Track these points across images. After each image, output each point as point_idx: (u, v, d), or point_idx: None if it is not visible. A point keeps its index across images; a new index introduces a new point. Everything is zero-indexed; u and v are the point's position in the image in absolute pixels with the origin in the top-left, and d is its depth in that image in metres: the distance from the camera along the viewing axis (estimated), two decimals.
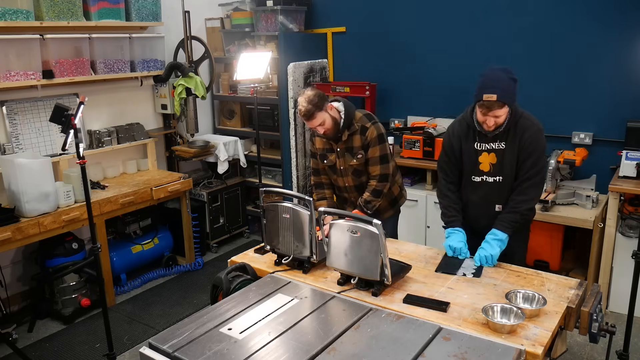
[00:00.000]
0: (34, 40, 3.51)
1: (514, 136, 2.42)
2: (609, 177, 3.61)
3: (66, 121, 2.58)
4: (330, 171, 2.95)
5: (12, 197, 3.37)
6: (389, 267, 2.02)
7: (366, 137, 2.79)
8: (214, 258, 4.75)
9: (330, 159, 2.90)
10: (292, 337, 1.79)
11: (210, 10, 5.15)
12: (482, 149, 2.51)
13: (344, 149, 2.84)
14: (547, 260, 3.67)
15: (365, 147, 2.80)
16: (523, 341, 1.77)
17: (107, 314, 2.84)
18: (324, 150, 2.92)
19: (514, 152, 2.43)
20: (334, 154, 2.88)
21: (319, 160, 2.96)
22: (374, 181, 2.84)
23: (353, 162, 2.84)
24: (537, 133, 2.42)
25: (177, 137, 4.74)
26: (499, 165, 2.48)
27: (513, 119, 2.41)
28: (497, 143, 2.47)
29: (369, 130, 2.79)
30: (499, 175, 2.50)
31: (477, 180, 2.56)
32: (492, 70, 2.36)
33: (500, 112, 2.34)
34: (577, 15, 3.81)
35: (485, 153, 2.50)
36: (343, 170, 2.89)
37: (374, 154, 2.81)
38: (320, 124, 2.71)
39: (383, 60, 4.79)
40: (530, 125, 2.42)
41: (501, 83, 2.31)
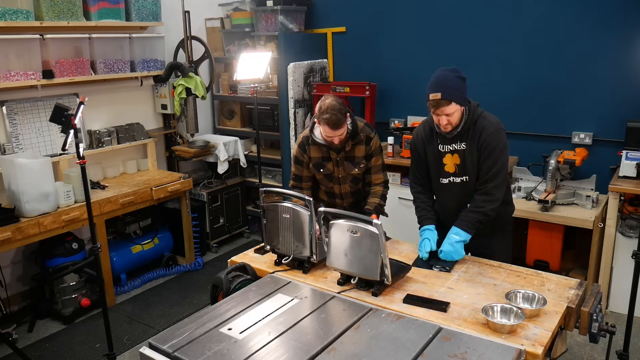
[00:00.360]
0: (34, 40, 3.51)
1: (472, 136, 2.44)
2: (609, 177, 3.61)
3: (66, 121, 2.58)
4: (326, 180, 2.88)
5: (12, 197, 3.37)
6: (389, 267, 2.02)
7: (370, 147, 2.79)
8: (214, 258, 4.75)
9: (328, 167, 2.82)
10: (292, 337, 1.79)
11: (210, 10, 5.15)
12: (445, 150, 2.52)
13: (344, 158, 2.78)
14: (547, 260, 3.67)
15: (368, 156, 2.80)
16: (523, 341, 1.77)
17: (107, 314, 2.84)
18: (320, 159, 2.82)
19: (474, 152, 2.45)
20: (331, 162, 2.80)
21: (314, 170, 2.86)
22: (379, 187, 2.86)
23: (355, 171, 2.80)
24: (494, 133, 2.41)
25: (177, 137, 4.74)
26: (462, 165, 2.50)
27: (471, 119, 2.42)
28: (458, 144, 2.48)
29: (373, 141, 2.79)
30: (464, 175, 2.52)
31: (445, 182, 2.58)
32: (439, 71, 2.39)
33: (449, 110, 2.34)
34: (577, 15, 3.81)
35: (449, 154, 2.52)
36: (341, 178, 2.85)
37: (377, 162, 2.84)
38: (340, 134, 2.63)
39: (383, 60, 4.79)
40: (487, 125, 2.42)
41: (445, 81, 2.34)
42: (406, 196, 4.19)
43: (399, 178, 4.38)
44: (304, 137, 2.84)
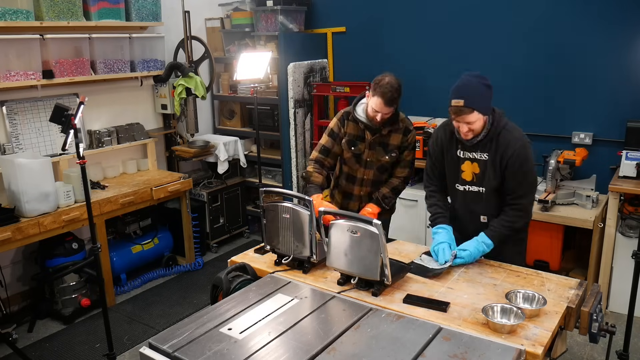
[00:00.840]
0: (34, 40, 3.51)
1: (496, 149, 2.35)
2: (609, 177, 3.61)
3: (66, 121, 2.58)
4: (353, 160, 2.85)
5: (12, 197, 3.37)
6: (389, 267, 2.02)
7: (407, 139, 2.80)
8: (214, 258, 4.75)
9: (359, 147, 2.80)
10: (292, 337, 1.79)
11: (210, 10, 5.15)
12: (465, 157, 2.44)
13: (377, 142, 2.78)
14: (547, 260, 3.67)
15: (402, 148, 2.81)
16: (523, 341, 1.76)
17: (107, 314, 2.84)
18: (355, 137, 2.81)
19: (496, 166, 2.36)
20: (364, 143, 2.79)
21: (345, 146, 2.83)
22: (397, 180, 2.85)
23: (385, 158, 2.80)
24: (521, 149, 2.33)
25: (177, 137, 4.74)
26: (481, 175, 2.42)
27: (495, 130, 2.34)
28: (479, 153, 2.39)
29: (411, 134, 2.81)
30: (481, 186, 2.44)
31: (460, 189, 2.51)
32: (465, 76, 2.31)
33: (470, 119, 2.26)
34: (577, 15, 3.81)
35: (468, 162, 2.44)
36: (369, 162, 2.83)
37: (409, 157, 2.84)
38: (387, 113, 2.66)
39: (383, 60, 4.78)
40: (513, 141, 2.33)
41: (470, 89, 2.26)
42: (407, 196, 4.20)
43: None
44: (345, 112, 2.86)
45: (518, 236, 2.55)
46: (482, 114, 2.28)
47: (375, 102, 2.63)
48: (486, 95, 2.29)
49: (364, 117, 2.75)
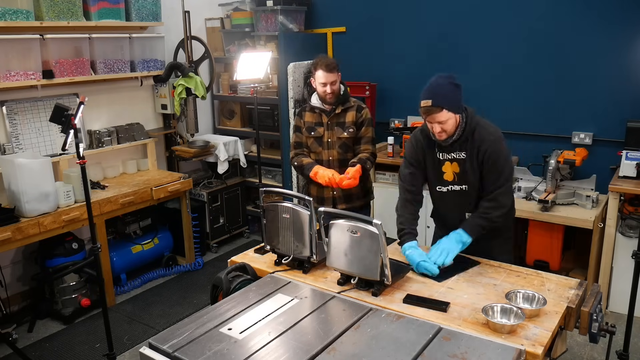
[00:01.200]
0: (34, 40, 3.51)
1: (472, 146, 2.39)
2: (609, 177, 3.62)
3: (66, 121, 2.58)
4: (316, 144, 3.11)
5: (12, 197, 3.37)
6: (389, 267, 2.02)
7: (361, 115, 3.07)
8: (214, 258, 4.75)
9: (318, 130, 3.10)
10: (292, 337, 1.79)
11: (210, 10, 5.15)
12: (444, 158, 2.47)
13: (334, 123, 3.07)
14: (547, 260, 3.67)
15: (358, 124, 3.07)
16: (523, 341, 1.76)
17: (107, 314, 2.84)
18: (313, 123, 3.12)
19: (474, 163, 2.40)
20: (323, 127, 3.09)
21: (306, 133, 3.13)
22: (365, 155, 3.04)
23: (343, 134, 3.06)
24: (494, 143, 2.36)
25: (177, 137, 4.74)
26: (462, 174, 2.44)
27: (469, 128, 2.37)
28: (458, 153, 2.43)
29: (364, 111, 3.10)
30: (464, 184, 2.46)
31: (443, 190, 2.52)
32: (433, 78, 2.35)
33: (440, 118, 2.29)
34: (577, 15, 3.81)
35: (448, 162, 2.47)
36: (330, 142, 3.07)
37: (367, 133, 3.09)
38: (332, 82, 2.97)
39: (383, 60, 4.79)
40: (487, 135, 2.37)
41: (438, 88, 2.30)
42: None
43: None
44: (301, 107, 3.24)
45: (502, 235, 2.57)
46: (452, 112, 2.31)
47: (319, 76, 2.97)
48: (454, 93, 2.33)
49: (318, 103, 3.09)
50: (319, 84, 3.00)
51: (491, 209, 2.41)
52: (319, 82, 3.00)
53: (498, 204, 2.41)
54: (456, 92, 2.34)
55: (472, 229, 2.39)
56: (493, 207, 2.41)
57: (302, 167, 3.10)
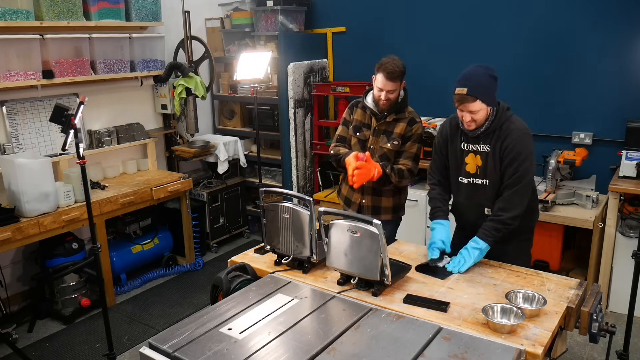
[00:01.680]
0: (34, 40, 3.51)
1: (497, 139, 2.35)
2: (609, 177, 3.62)
3: (66, 121, 2.58)
4: (358, 146, 2.89)
5: (12, 197, 3.37)
6: (389, 267, 2.02)
7: (412, 129, 2.81)
8: (214, 258, 4.75)
9: (364, 133, 2.87)
10: (292, 337, 1.79)
11: (210, 10, 5.15)
12: (469, 149, 2.44)
13: (382, 130, 2.83)
14: (547, 260, 3.68)
15: (405, 138, 2.81)
16: (523, 341, 1.77)
17: (107, 314, 2.84)
18: (361, 123, 2.89)
19: (496, 157, 2.36)
20: (370, 130, 2.86)
21: (352, 132, 2.91)
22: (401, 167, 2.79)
23: (387, 145, 2.81)
24: (520, 138, 2.33)
25: (177, 137, 4.74)
26: (484, 167, 2.41)
27: (498, 121, 2.35)
28: (482, 145, 2.39)
29: (416, 125, 2.83)
30: (484, 179, 2.43)
31: (464, 182, 2.50)
32: (471, 66, 2.32)
33: (473, 107, 2.26)
34: (577, 14, 3.81)
35: (472, 154, 2.43)
36: (372, 149, 2.84)
37: (412, 148, 2.82)
38: (390, 90, 2.72)
39: None
40: (514, 129, 2.34)
41: (475, 77, 2.27)
42: (407, 196, 4.19)
43: None
44: (355, 101, 2.97)
45: (521, 236, 2.53)
46: (485, 103, 2.28)
47: (378, 80, 2.72)
48: (490, 85, 2.30)
49: (371, 104, 2.83)
50: (376, 87, 2.75)
51: (503, 211, 2.35)
52: (377, 85, 2.74)
53: (511, 206, 2.35)
54: (492, 84, 2.31)
55: (486, 234, 2.34)
56: (505, 208, 2.35)
57: (339, 155, 2.84)
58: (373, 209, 2.91)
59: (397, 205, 2.97)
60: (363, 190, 2.91)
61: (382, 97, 2.74)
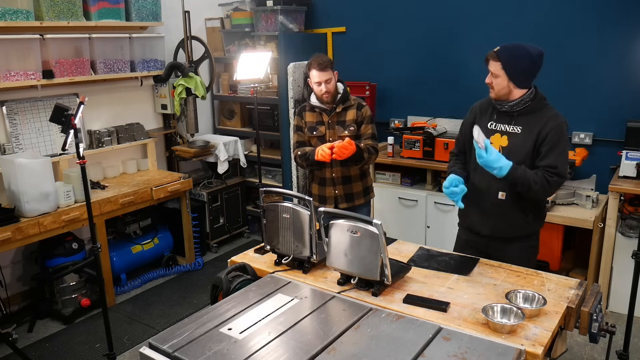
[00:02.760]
0: (34, 40, 3.51)
1: (534, 123, 2.31)
2: (609, 177, 3.62)
3: (66, 121, 2.58)
4: (319, 143, 3.06)
5: (12, 197, 3.37)
6: (389, 267, 2.02)
7: (362, 114, 3.09)
8: (214, 258, 4.75)
9: (320, 130, 3.10)
10: (292, 337, 1.79)
11: (210, 10, 5.15)
12: (496, 129, 2.40)
13: (335, 122, 3.08)
14: (547, 260, 3.67)
15: (359, 122, 3.09)
16: (523, 341, 1.76)
17: (107, 314, 2.84)
18: (314, 123, 3.13)
19: (530, 139, 2.31)
20: (324, 126, 3.10)
21: (308, 133, 3.13)
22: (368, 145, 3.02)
23: (344, 133, 3.05)
24: (561, 125, 2.30)
25: (177, 137, 4.74)
26: (508, 149, 2.36)
27: (535, 105, 2.33)
28: (513, 126, 2.36)
29: (365, 108, 3.11)
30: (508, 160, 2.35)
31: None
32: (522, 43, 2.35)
33: (493, 68, 2.31)
34: (577, 14, 3.81)
35: (498, 134, 2.39)
36: (332, 141, 3.01)
37: (367, 130, 3.10)
38: (327, 81, 2.98)
39: (383, 60, 4.79)
40: (554, 117, 2.31)
41: (513, 47, 2.32)
42: (406, 196, 4.20)
43: (399, 178, 4.38)
44: (300, 106, 3.25)
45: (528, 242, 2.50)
46: (507, 74, 2.30)
47: (313, 75, 2.98)
48: (523, 62, 2.30)
49: (317, 102, 3.10)
50: (315, 84, 3.02)
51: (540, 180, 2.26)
52: (314, 81, 3.01)
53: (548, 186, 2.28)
54: (525, 63, 2.30)
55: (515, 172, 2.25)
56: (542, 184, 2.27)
57: (306, 154, 3.05)
58: (347, 196, 3.15)
59: (366, 188, 3.22)
60: (334, 182, 3.13)
61: (322, 90, 2.99)
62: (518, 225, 2.46)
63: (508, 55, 2.30)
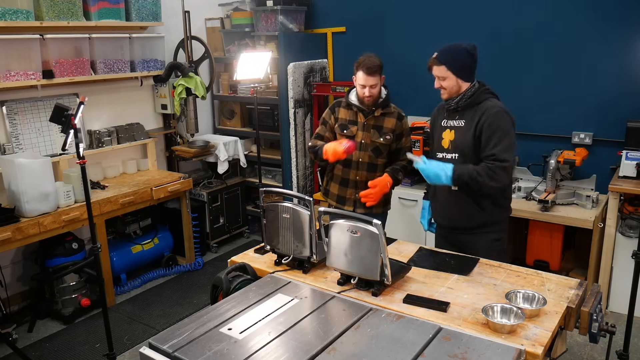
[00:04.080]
0: (34, 40, 3.51)
1: (473, 115, 2.46)
2: (609, 177, 3.62)
3: (66, 121, 2.58)
4: None
5: (12, 197, 3.37)
6: (389, 267, 2.02)
7: (402, 125, 2.96)
8: (214, 258, 4.75)
9: (352, 129, 2.94)
10: (292, 337, 1.79)
11: (210, 10, 5.15)
12: (446, 125, 2.58)
13: (371, 125, 2.92)
14: (547, 260, 3.68)
15: (397, 134, 2.94)
16: (523, 341, 1.76)
17: (107, 314, 2.84)
18: (346, 121, 2.97)
19: (470, 131, 2.46)
20: (356, 126, 2.94)
21: (338, 130, 2.98)
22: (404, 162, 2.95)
23: (380, 140, 2.91)
24: (496, 114, 2.42)
25: (177, 137, 4.74)
26: (454, 143, 2.52)
27: (476, 98, 2.46)
28: (458, 120, 2.52)
29: (405, 120, 2.99)
30: (454, 153, 2.53)
31: (439, 157, 2.60)
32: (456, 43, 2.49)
33: (439, 73, 2.46)
34: (577, 14, 3.81)
35: (448, 130, 2.56)
36: (364, 144, 2.93)
37: (407, 143, 3.00)
38: (372, 85, 2.82)
39: (383, 60, 4.76)
40: (490, 107, 2.44)
41: (449, 48, 2.48)
42: (406, 196, 4.20)
43: None
44: (336, 100, 3.07)
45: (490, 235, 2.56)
46: (452, 72, 2.45)
47: (359, 77, 2.84)
48: (462, 58, 2.46)
49: (356, 100, 2.94)
50: (359, 85, 2.86)
51: (483, 171, 2.39)
52: (358, 83, 2.86)
53: (491, 172, 2.38)
54: (465, 57, 2.46)
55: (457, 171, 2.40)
56: (486, 172, 2.39)
57: (316, 147, 2.93)
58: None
59: (386, 199, 3.06)
60: (357, 185, 2.99)
61: (365, 93, 2.84)
62: (471, 214, 2.55)
63: (449, 56, 2.47)
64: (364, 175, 2.96)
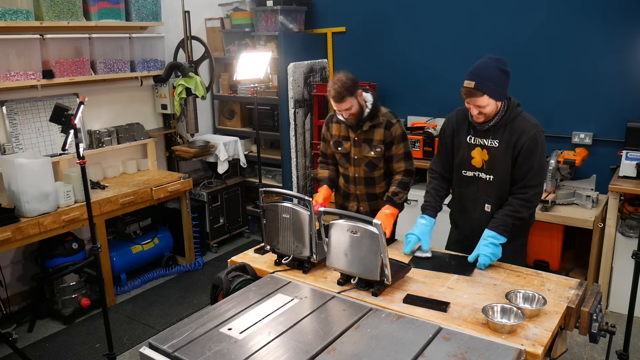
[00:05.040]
0: (34, 40, 3.51)
1: (509, 136, 2.32)
2: (609, 177, 3.62)
3: (66, 121, 2.58)
4: (343, 159, 2.91)
5: (12, 197, 3.37)
6: (389, 267, 2.02)
7: (391, 133, 2.78)
8: (214, 258, 4.75)
9: (345, 146, 2.87)
10: (292, 337, 1.79)
11: (210, 10, 5.15)
12: (475, 143, 2.42)
13: (362, 140, 2.82)
14: (547, 260, 3.68)
15: (387, 143, 2.80)
16: (523, 341, 1.77)
17: (107, 314, 2.84)
18: (340, 137, 2.88)
19: (508, 153, 2.33)
20: (349, 142, 2.85)
21: (333, 148, 2.92)
22: (399, 175, 2.82)
23: (370, 153, 2.81)
24: (535, 136, 2.30)
25: (177, 137, 4.74)
26: (491, 162, 2.39)
27: (508, 116, 2.32)
28: (491, 140, 2.36)
29: (394, 127, 2.79)
30: (490, 174, 2.41)
31: (469, 175, 2.48)
32: (484, 58, 2.27)
33: (480, 102, 2.23)
34: (577, 14, 3.82)
35: (479, 148, 2.41)
36: (357, 160, 2.86)
37: (399, 150, 2.82)
38: (347, 109, 2.69)
39: (383, 60, 4.79)
40: (528, 127, 2.30)
41: (484, 71, 2.22)
42: None
43: None
44: (329, 115, 2.97)
45: (519, 240, 2.52)
46: (494, 98, 2.24)
47: (333, 104, 2.72)
48: (500, 80, 2.24)
49: (342, 117, 2.80)
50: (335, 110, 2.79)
51: (522, 208, 2.34)
52: (333, 107, 2.76)
53: (529, 204, 2.35)
54: (502, 79, 2.25)
55: (504, 229, 2.33)
56: (523, 205, 2.34)
57: (316, 179, 2.94)
58: (371, 213, 2.88)
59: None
60: (358, 198, 2.95)
61: (345, 115, 2.73)
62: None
63: (489, 84, 2.21)
64: (363, 189, 2.92)
